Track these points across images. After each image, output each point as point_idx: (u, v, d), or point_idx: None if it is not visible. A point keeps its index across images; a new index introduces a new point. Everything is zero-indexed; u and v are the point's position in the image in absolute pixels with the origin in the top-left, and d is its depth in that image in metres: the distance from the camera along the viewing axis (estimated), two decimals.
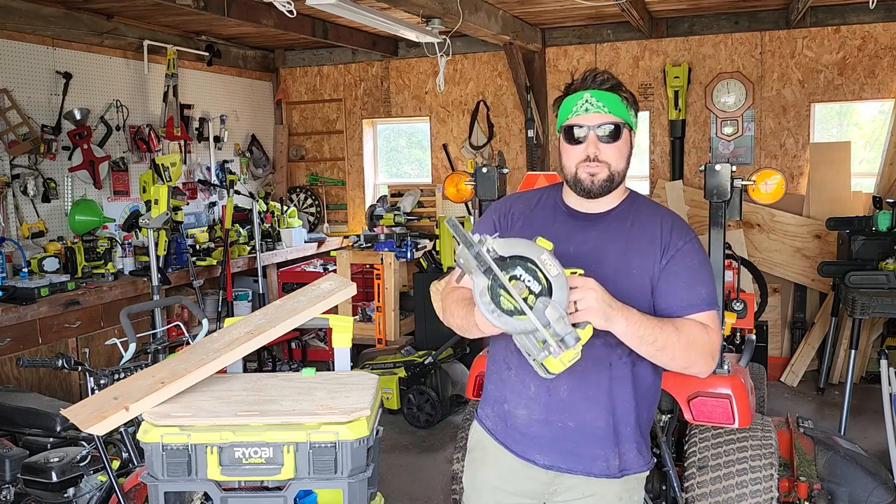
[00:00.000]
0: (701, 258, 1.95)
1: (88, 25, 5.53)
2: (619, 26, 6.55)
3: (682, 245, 1.93)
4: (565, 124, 1.93)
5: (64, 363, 2.91)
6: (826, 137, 6.42)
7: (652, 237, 1.93)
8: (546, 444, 1.98)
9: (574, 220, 1.99)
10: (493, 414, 2.09)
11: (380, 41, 6.94)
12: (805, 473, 3.28)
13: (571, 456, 1.96)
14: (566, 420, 1.95)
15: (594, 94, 1.89)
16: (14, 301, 4.37)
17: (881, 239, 5.05)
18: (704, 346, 1.86)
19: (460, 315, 1.92)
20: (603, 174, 1.91)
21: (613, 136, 1.90)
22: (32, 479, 3.07)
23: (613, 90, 1.91)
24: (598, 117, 1.89)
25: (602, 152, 1.90)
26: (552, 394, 1.94)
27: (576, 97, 1.91)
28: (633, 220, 1.97)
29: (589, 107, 1.89)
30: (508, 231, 2.03)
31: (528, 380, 1.96)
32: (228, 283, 6.04)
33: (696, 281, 1.91)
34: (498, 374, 2.06)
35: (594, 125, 1.89)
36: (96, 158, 5.52)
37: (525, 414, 1.99)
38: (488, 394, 2.12)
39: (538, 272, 1.60)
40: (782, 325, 6.26)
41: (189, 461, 2.03)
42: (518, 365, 1.97)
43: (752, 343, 3.39)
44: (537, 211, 2.04)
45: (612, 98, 1.90)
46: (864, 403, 5.17)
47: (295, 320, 2.35)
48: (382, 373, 5.28)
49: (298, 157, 7.84)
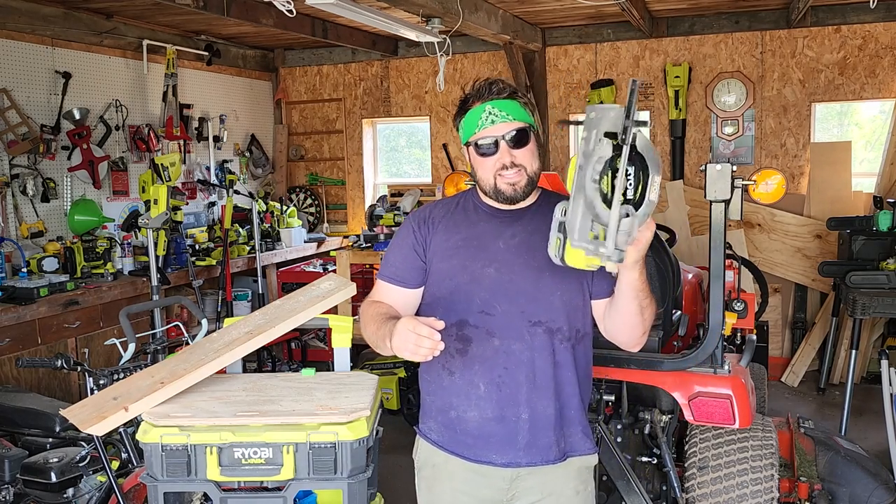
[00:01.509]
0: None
1: (88, 25, 5.52)
2: (619, 26, 6.54)
3: None
4: (473, 139, 1.95)
5: (63, 363, 2.91)
6: (827, 137, 6.41)
7: None
8: (502, 442, 1.98)
9: (496, 217, 2.02)
10: (438, 425, 2.07)
11: (380, 41, 6.93)
12: (805, 474, 3.28)
13: (530, 449, 1.98)
14: (520, 413, 1.96)
15: (495, 104, 1.93)
16: (13, 301, 4.37)
17: (882, 239, 5.05)
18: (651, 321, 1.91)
19: (372, 330, 1.93)
20: (523, 180, 1.95)
21: (523, 141, 1.93)
22: (32, 480, 3.06)
23: (512, 97, 1.94)
24: (505, 126, 1.92)
25: (516, 157, 1.93)
26: (503, 389, 1.95)
27: (478, 111, 1.93)
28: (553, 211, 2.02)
29: (494, 118, 1.92)
30: (431, 236, 2.04)
31: (476, 380, 1.97)
32: (228, 284, 6.03)
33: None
34: (438, 382, 2.05)
35: (502, 134, 1.92)
36: (95, 158, 5.52)
37: (476, 415, 1.98)
38: (428, 406, 2.11)
39: (643, 185, 1.57)
40: (783, 326, 6.26)
41: (188, 461, 2.03)
42: (462, 367, 1.98)
43: (752, 343, 3.38)
44: (458, 214, 2.06)
45: (512, 105, 1.93)
46: (865, 404, 5.17)
47: (295, 320, 2.34)
48: (382, 373, 5.27)
49: (298, 156, 7.83)
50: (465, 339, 1.97)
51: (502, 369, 1.95)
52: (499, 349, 1.95)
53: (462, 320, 1.97)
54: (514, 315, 1.94)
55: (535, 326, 1.94)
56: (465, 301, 1.96)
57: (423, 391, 2.12)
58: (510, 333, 1.94)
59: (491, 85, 1.95)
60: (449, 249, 2.01)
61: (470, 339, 1.97)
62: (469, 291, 1.96)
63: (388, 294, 2.07)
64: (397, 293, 2.06)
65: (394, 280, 2.06)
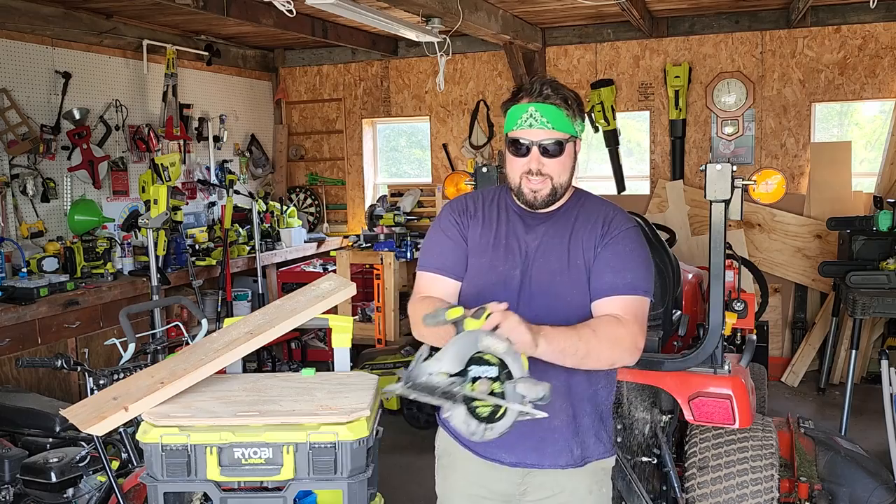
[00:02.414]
0: (633, 245, 1.98)
1: (88, 25, 5.52)
2: (619, 26, 6.54)
3: (618, 233, 1.97)
4: (511, 135, 1.94)
5: (63, 363, 2.91)
6: (827, 137, 6.41)
7: (593, 228, 1.98)
8: (512, 443, 1.97)
9: (523, 219, 2.03)
10: None
11: (379, 41, 6.93)
12: (806, 474, 3.28)
13: (538, 452, 1.99)
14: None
15: (540, 108, 1.89)
16: (13, 301, 4.37)
17: (882, 239, 5.05)
18: (624, 341, 1.87)
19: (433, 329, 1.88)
20: (546, 190, 1.94)
21: (556, 152, 1.92)
22: (32, 480, 3.06)
23: (559, 105, 1.90)
24: (543, 133, 1.90)
25: (545, 166, 1.92)
26: None
27: (521, 109, 1.92)
28: (577, 214, 2.02)
29: (533, 122, 1.89)
30: (469, 228, 2.02)
31: None
32: (228, 284, 6.03)
33: (624, 266, 1.94)
34: None
35: (537, 140, 1.90)
36: (95, 158, 5.52)
37: None
38: None
39: (486, 358, 1.62)
40: (783, 326, 6.26)
41: (188, 461, 2.03)
42: None
43: (752, 343, 3.38)
44: (492, 209, 2.07)
45: (557, 113, 1.90)
46: (865, 404, 5.17)
47: (295, 320, 2.34)
48: (382, 373, 5.27)
49: (298, 156, 7.83)
50: None
51: None
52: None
53: None
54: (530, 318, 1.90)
55: None
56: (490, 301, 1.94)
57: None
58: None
59: (543, 86, 1.91)
60: (481, 246, 2.02)
61: None
62: (495, 292, 1.94)
63: (437, 286, 2.03)
64: (449, 285, 2.02)
65: (442, 271, 2.03)
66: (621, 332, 1.87)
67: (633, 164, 6.89)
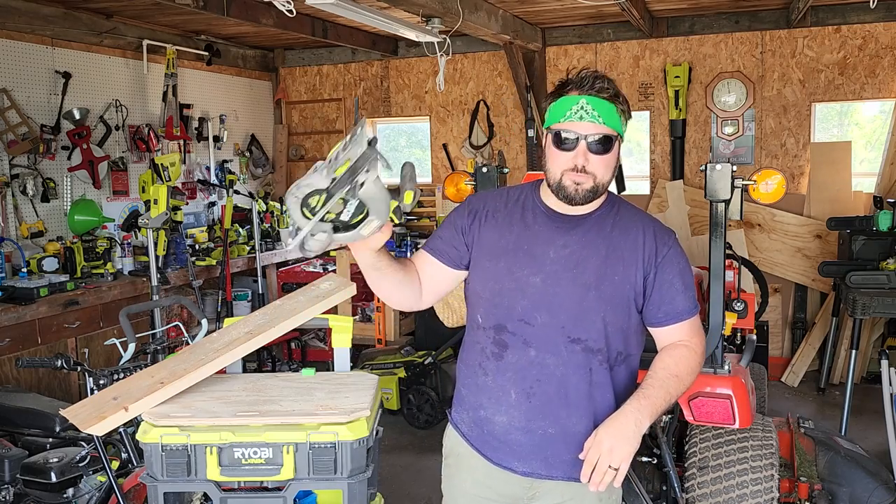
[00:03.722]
0: (684, 260, 1.97)
1: (88, 25, 5.52)
2: (619, 26, 6.54)
3: (668, 251, 1.93)
4: (556, 127, 1.85)
5: (63, 363, 2.91)
6: (827, 137, 6.41)
7: (634, 244, 1.91)
8: (526, 452, 1.95)
9: (552, 221, 1.94)
10: (469, 419, 2.05)
11: (379, 41, 6.93)
12: (806, 474, 3.27)
13: (552, 462, 1.94)
14: (546, 427, 1.92)
15: (591, 101, 1.80)
16: (13, 301, 4.37)
17: (882, 239, 5.05)
18: (698, 365, 1.94)
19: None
20: (588, 185, 1.84)
21: (604, 149, 1.83)
22: (32, 480, 3.06)
23: (611, 100, 1.82)
24: (592, 127, 1.81)
25: (590, 163, 1.83)
26: (532, 400, 1.91)
27: (571, 100, 1.82)
28: (613, 225, 1.93)
29: (584, 114, 1.80)
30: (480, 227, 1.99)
31: (507, 387, 1.93)
32: (228, 283, 6.03)
33: (685, 285, 1.94)
34: (473, 378, 2.02)
35: (586, 135, 1.81)
36: (95, 158, 5.52)
37: (505, 421, 1.95)
38: (463, 398, 2.07)
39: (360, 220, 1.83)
40: (783, 326, 6.26)
41: (188, 461, 2.03)
42: (496, 371, 1.95)
43: (752, 343, 3.38)
44: (515, 210, 1.99)
45: (609, 108, 1.82)
46: (865, 404, 5.16)
47: (295, 320, 2.34)
48: (382, 373, 5.27)
49: (298, 156, 7.83)
50: (501, 345, 1.93)
51: (535, 381, 1.90)
52: (533, 360, 1.90)
53: (501, 325, 1.93)
54: (553, 329, 1.88)
55: (573, 343, 1.88)
56: (507, 307, 1.91)
57: (459, 379, 2.09)
58: (547, 347, 1.89)
59: (596, 79, 1.82)
60: (498, 250, 1.94)
61: (506, 345, 1.92)
62: (512, 298, 1.90)
63: (422, 261, 2.05)
64: (431, 265, 2.03)
65: (432, 252, 2.04)
66: (694, 362, 1.92)
67: (633, 164, 6.88)
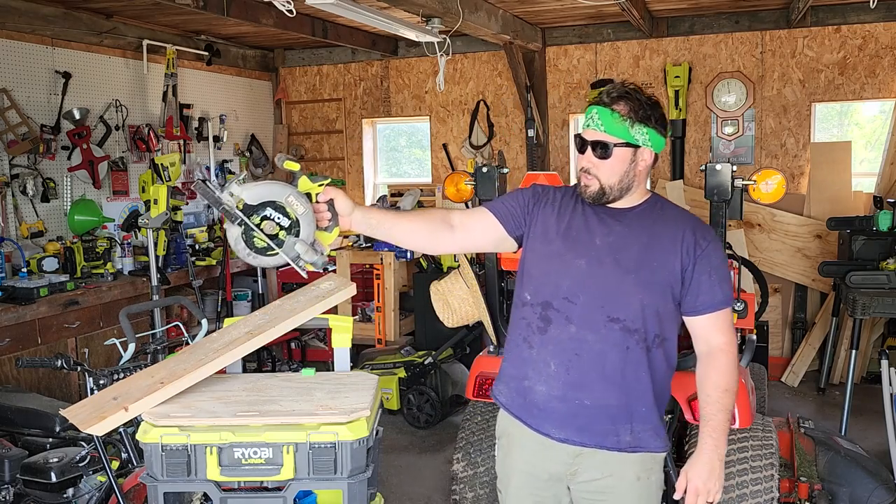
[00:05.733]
0: (723, 256, 2.14)
1: (88, 25, 5.52)
2: (619, 26, 6.54)
3: (707, 245, 2.09)
4: (578, 133, 2.12)
5: (63, 363, 2.91)
6: (827, 137, 6.41)
7: (674, 237, 2.08)
8: (561, 419, 2.09)
9: (597, 213, 2.13)
10: (510, 390, 2.20)
11: (379, 41, 6.93)
12: (806, 474, 3.28)
13: (584, 431, 2.08)
14: (582, 398, 2.07)
15: (599, 111, 2.04)
16: (13, 301, 4.37)
17: (882, 239, 5.05)
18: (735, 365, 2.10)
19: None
20: (594, 187, 2.08)
21: (603, 154, 2.04)
22: (32, 480, 3.07)
23: (616, 110, 2.02)
24: (593, 134, 2.05)
25: (593, 166, 2.07)
26: (570, 372, 2.07)
27: (589, 110, 2.07)
28: (655, 219, 2.12)
29: (590, 123, 2.05)
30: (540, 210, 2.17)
31: (548, 358, 2.10)
32: (228, 283, 6.03)
33: (721, 278, 2.10)
34: (518, 352, 2.18)
35: (591, 141, 2.06)
36: (95, 158, 5.52)
37: (545, 390, 2.10)
38: (505, 372, 2.24)
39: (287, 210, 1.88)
40: (783, 326, 6.25)
41: (188, 461, 2.03)
42: (540, 344, 2.12)
43: (752, 343, 3.38)
44: (569, 202, 2.18)
45: (610, 118, 2.02)
46: (865, 404, 5.16)
47: (295, 320, 2.34)
48: (382, 373, 5.27)
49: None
50: (546, 320, 2.11)
51: (573, 355, 2.07)
52: (574, 336, 2.07)
53: (547, 302, 2.11)
54: (593, 308, 2.06)
55: (612, 322, 2.04)
56: (553, 286, 2.10)
57: (505, 358, 2.25)
58: (587, 324, 2.06)
59: (611, 91, 2.05)
60: (552, 234, 2.14)
61: (550, 321, 2.10)
62: (558, 278, 2.09)
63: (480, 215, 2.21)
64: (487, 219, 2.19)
65: (494, 211, 2.20)
66: (733, 366, 2.09)
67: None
